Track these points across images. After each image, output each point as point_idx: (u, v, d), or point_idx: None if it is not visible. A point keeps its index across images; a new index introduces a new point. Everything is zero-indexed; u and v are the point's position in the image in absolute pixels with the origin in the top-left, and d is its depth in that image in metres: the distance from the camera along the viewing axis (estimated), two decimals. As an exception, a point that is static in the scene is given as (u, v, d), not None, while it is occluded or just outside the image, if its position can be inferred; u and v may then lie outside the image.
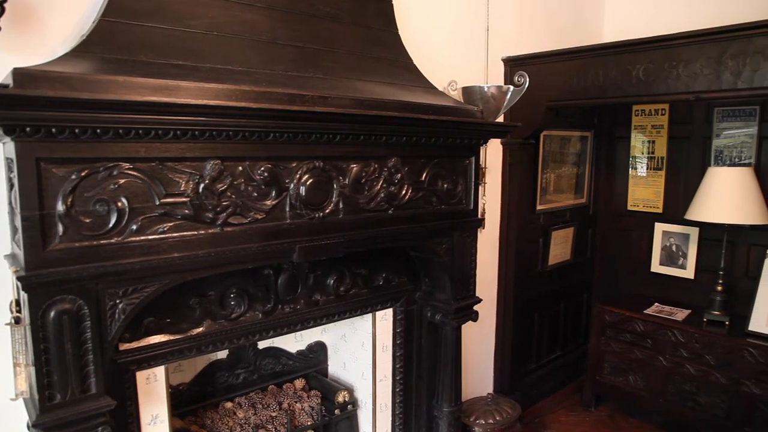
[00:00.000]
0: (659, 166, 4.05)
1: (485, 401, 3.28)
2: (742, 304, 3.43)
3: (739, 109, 3.66)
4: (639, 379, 3.66)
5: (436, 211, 2.31)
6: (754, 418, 3.16)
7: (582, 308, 4.41)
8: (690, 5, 3.67)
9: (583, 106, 3.87)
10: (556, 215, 3.94)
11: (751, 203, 3.28)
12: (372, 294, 2.45)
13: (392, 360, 2.66)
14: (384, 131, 2.00)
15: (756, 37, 2.48)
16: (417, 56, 2.51)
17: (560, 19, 3.78)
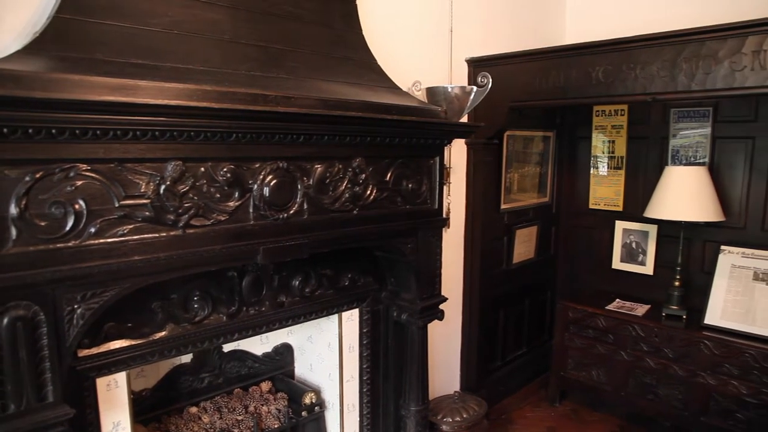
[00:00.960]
0: (619, 166, 4.14)
1: (452, 399, 3.31)
2: (698, 298, 3.54)
3: (694, 110, 3.77)
4: (602, 374, 3.74)
5: (401, 211, 2.32)
6: (710, 408, 3.27)
7: (546, 305, 4.48)
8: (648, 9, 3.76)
9: (546, 107, 3.93)
10: (520, 214, 4.00)
11: (706, 201, 3.38)
12: (338, 294, 2.44)
13: (359, 360, 2.66)
14: (348, 131, 2.00)
15: (708, 41, 2.56)
16: (381, 57, 2.52)
17: (523, 20, 3.83)
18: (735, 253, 3.48)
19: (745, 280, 3.37)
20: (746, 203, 3.61)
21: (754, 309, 3.28)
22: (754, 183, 3.58)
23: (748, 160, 3.59)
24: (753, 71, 2.46)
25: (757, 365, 3.08)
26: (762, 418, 3.09)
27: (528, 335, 4.32)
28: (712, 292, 3.44)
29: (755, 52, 2.44)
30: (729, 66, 2.52)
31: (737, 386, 3.15)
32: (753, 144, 3.56)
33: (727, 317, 3.34)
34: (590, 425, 3.75)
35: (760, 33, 2.42)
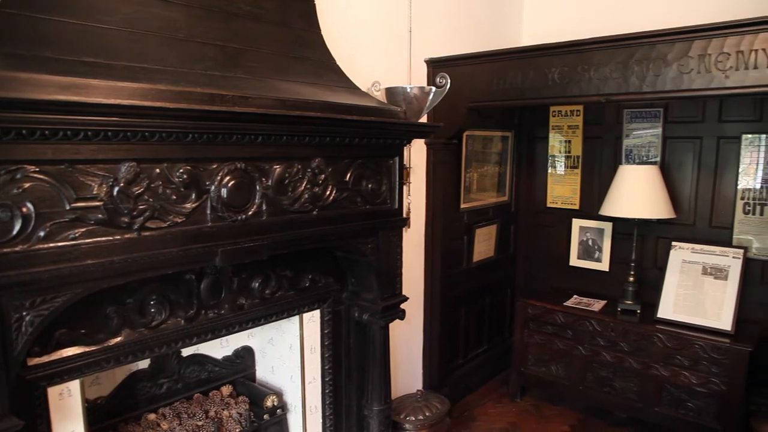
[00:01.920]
0: (575, 165, 4.24)
1: (415, 398, 3.33)
2: (651, 292, 3.66)
3: (646, 111, 3.89)
4: (560, 369, 3.82)
5: (361, 211, 2.32)
6: (663, 398, 3.39)
7: (506, 303, 4.55)
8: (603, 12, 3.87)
9: (504, 107, 3.99)
10: (480, 213, 4.05)
11: (658, 199, 3.50)
12: (298, 296, 2.43)
13: (321, 361, 2.65)
14: (307, 132, 1.99)
15: (658, 44, 2.65)
16: (340, 57, 2.51)
17: (481, 22, 3.88)
18: (685, 248, 3.60)
19: (695, 274, 3.50)
20: (695, 201, 3.75)
21: (703, 302, 3.40)
22: (702, 181, 3.72)
23: (696, 159, 3.72)
24: (699, 74, 2.55)
25: (706, 356, 3.21)
26: (710, 407, 3.22)
27: (489, 333, 4.37)
28: (665, 286, 3.56)
29: (701, 56, 2.54)
30: (677, 69, 2.61)
31: (688, 376, 3.27)
32: (701, 144, 3.70)
33: (678, 311, 3.46)
34: (550, 419, 3.83)
35: (704, 38, 2.52)
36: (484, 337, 4.32)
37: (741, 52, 2.44)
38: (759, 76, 2.40)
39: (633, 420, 3.66)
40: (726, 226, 3.63)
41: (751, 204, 3.54)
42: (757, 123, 3.48)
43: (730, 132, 3.59)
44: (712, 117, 3.65)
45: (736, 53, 2.45)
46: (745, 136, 3.53)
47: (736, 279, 3.37)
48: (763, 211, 3.50)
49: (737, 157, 3.57)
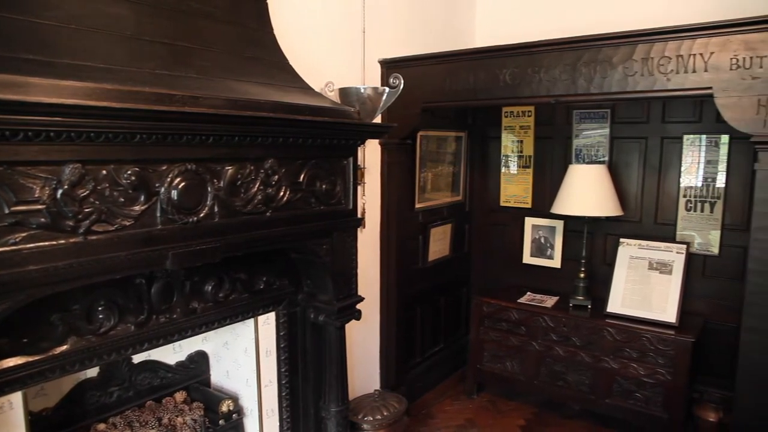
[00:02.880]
0: (527, 165, 4.33)
1: (372, 398, 3.33)
2: (601, 288, 3.77)
3: (594, 112, 4.00)
4: (515, 365, 3.89)
5: (316, 211, 2.31)
6: (613, 390, 3.50)
7: (461, 301, 4.60)
8: (554, 15, 3.96)
9: (457, 108, 4.04)
10: (435, 213, 4.09)
11: (606, 197, 3.61)
12: (253, 298, 2.39)
13: (277, 364, 2.62)
14: (259, 132, 1.96)
15: (604, 47, 2.74)
16: (293, 57, 2.49)
17: (435, 22, 3.92)
18: (632, 245, 3.73)
19: (642, 269, 3.62)
20: (641, 199, 3.88)
21: (650, 296, 3.53)
22: (647, 180, 3.85)
23: (642, 158, 3.86)
24: (643, 76, 2.65)
25: (652, 347, 3.32)
26: (657, 396, 3.34)
27: (445, 331, 4.42)
28: (613, 281, 3.67)
29: (644, 59, 2.63)
30: (622, 71, 2.70)
31: (636, 368, 3.39)
32: (646, 144, 3.84)
33: (626, 305, 3.57)
34: (506, 414, 3.89)
35: (647, 42, 2.62)
36: (440, 335, 4.37)
37: (681, 56, 2.54)
38: (697, 79, 2.51)
39: (585, 412, 3.77)
40: (670, 223, 3.78)
41: (693, 201, 3.69)
42: (697, 124, 3.63)
43: (673, 132, 3.73)
44: (656, 118, 3.78)
45: (676, 57, 2.55)
46: (686, 137, 3.68)
47: (680, 273, 3.51)
48: (704, 208, 3.65)
49: (679, 156, 3.71)
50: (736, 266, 3.50)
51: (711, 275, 3.66)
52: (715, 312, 3.62)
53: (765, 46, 2.35)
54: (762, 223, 2.42)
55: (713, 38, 2.46)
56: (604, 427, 3.68)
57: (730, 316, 3.33)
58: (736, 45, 2.41)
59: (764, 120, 2.35)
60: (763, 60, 2.35)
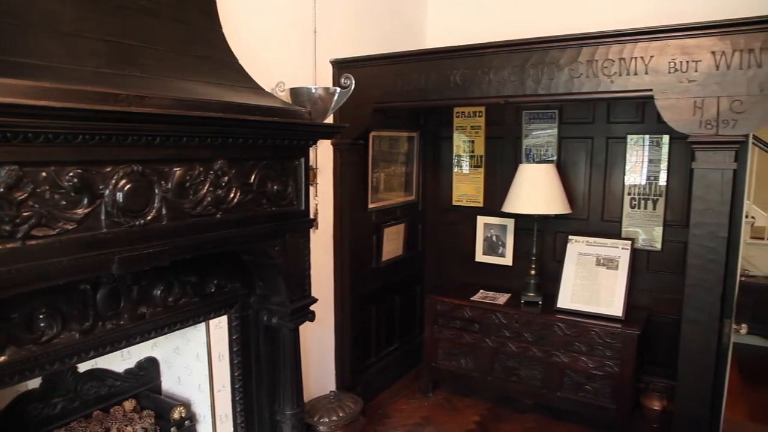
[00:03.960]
0: (479, 164, 4.39)
1: (328, 399, 3.32)
2: (551, 284, 3.86)
3: (543, 112, 4.10)
4: (470, 362, 3.94)
5: (267, 213, 2.28)
6: (564, 383, 3.59)
7: (415, 300, 4.63)
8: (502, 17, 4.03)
9: (408, 108, 4.07)
10: (388, 212, 4.10)
11: (555, 196, 3.70)
12: (204, 302, 2.35)
13: (230, 368, 2.58)
14: (208, 133, 1.93)
15: (551, 50, 2.80)
16: (243, 56, 2.46)
17: (386, 23, 3.93)
18: (581, 242, 3.83)
19: (590, 265, 3.73)
20: (588, 197, 4.00)
21: (598, 291, 3.63)
22: (594, 179, 3.97)
23: (589, 158, 3.97)
24: (588, 78, 2.73)
25: (600, 341, 3.43)
26: (606, 388, 3.45)
27: (400, 330, 4.44)
28: (563, 278, 3.77)
29: (589, 62, 2.71)
30: (569, 73, 2.77)
31: (586, 361, 3.49)
32: (592, 144, 3.95)
33: (575, 300, 3.67)
34: (461, 411, 3.94)
35: (592, 45, 2.69)
36: (395, 334, 4.38)
37: (623, 59, 2.63)
38: (639, 81, 2.60)
39: (538, 405, 3.86)
40: (616, 220, 3.91)
41: (637, 199, 3.83)
42: (640, 124, 3.77)
43: (617, 132, 3.86)
44: (602, 118, 3.91)
45: (619, 60, 2.64)
46: (630, 137, 3.81)
47: (625, 268, 3.63)
48: (647, 206, 3.79)
49: (624, 155, 3.84)
50: (677, 261, 3.64)
51: (654, 270, 3.81)
52: (658, 305, 3.77)
53: (699, 51, 2.45)
54: (699, 219, 2.53)
55: (653, 42, 2.55)
56: (556, 419, 3.77)
57: (673, 309, 3.46)
58: (673, 49, 2.51)
59: (700, 121, 2.46)
60: (698, 64, 2.46)
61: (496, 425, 3.75)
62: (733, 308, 2.62)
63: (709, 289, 2.55)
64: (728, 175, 2.46)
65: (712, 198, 2.49)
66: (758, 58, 2.34)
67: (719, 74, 2.42)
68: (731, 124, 2.41)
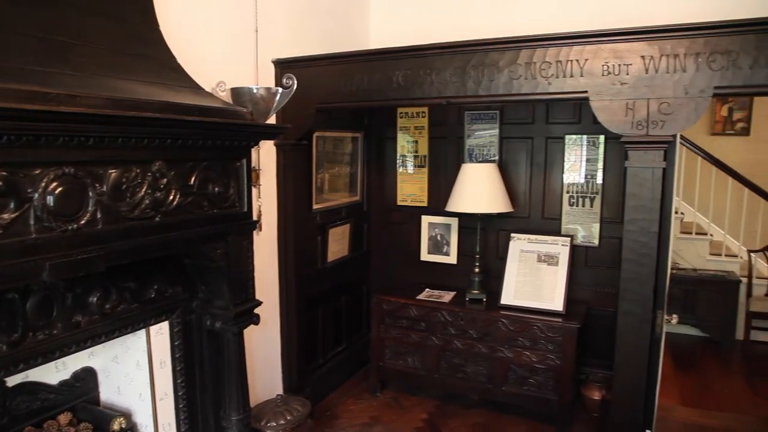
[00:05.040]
0: (423, 164, 4.44)
1: (275, 403, 3.28)
2: (495, 281, 3.94)
3: (484, 113, 4.18)
4: (416, 360, 3.97)
5: (209, 215, 2.24)
6: (509, 378, 3.67)
7: (362, 300, 4.63)
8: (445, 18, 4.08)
9: (352, 109, 4.07)
10: (333, 213, 4.09)
11: (497, 195, 3.77)
12: (143, 308, 2.28)
13: (172, 375, 2.52)
14: (145, 133, 1.87)
15: (491, 52, 2.86)
16: (182, 55, 2.40)
17: (329, 24, 3.92)
18: (522, 239, 3.93)
19: (531, 262, 3.83)
20: (529, 195, 4.11)
21: (540, 287, 3.74)
22: (534, 178, 4.08)
23: (529, 157, 4.08)
24: (526, 80, 2.80)
25: (543, 335, 3.52)
26: (548, 380, 3.55)
27: (347, 331, 4.43)
28: (506, 275, 3.85)
29: (527, 64, 2.78)
30: (508, 74, 2.83)
31: (529, 356, 3.57)
32: (532, 144, 4.06)
33: (518, 296, 3.76)
34: (409, 409, 3.96)
35: (530, 48, 2.77)
36: (342, 335, 4.37)
37: (560, 61, 2.71)
38: (575, 83, 2.69)
39: (484, 401, 3.92)
40: (555, 218, 4.03)
41: (575, 197, 3.96)
42: (578, 125, 3.90)
43: (556, 133, 3.98)
44: (541, 119, 4.02)
45: (555, 63, 2.72)
46: (568, 137, 3.94)
47: (565, 264, 3.74)
48: (585, 203, 3.93)
49: (562, 155, 3.97)
50: (613, 256, 3.79)
51: (592, 265, 3.95)
52: (597, 299, 3.91)
53: (630, 54, 2.56)
54: (632, 216, 2.65)
55: (587, 46, 2.65)
56: (502, 413, 3.85)
57: (610, 302, 3.59)
58: (606, 53, 2.61)
59: (632, 122, 2.57)
60: (630, 67, 2.57)
61: (443, 421, 3.79)
62: (665, 300, 2.74)
63: (642, 282, 2.67)
64: (658, 173, 2.58)
65: (644, 195, 2.61)
66: (683, 63, 2.46)
67: (648, 77, 2.53)
68: (660, 125, 2.52)
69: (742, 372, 4.81)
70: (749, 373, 4.75)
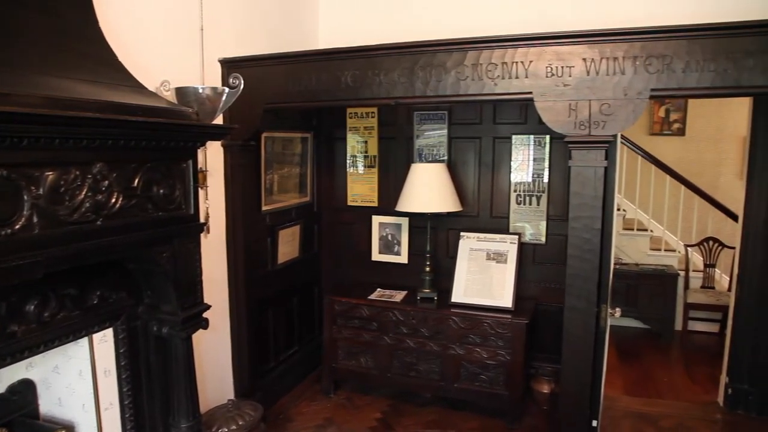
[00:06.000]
0: (372, 164, 4.45)
1: (226, 408, 3.22)
2: (446, 280, 3.99)
3: (433, 113, 4.22)
4: (369, 360, 3.98)
5: (154, 218, 2.17)
6: (461, 374, 3.72)
7: (314, 301, 4.61)
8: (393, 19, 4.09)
9: (300, 109, 4.04)
10: (283, 214, 4.04)
11: (447, 194, 3.82)
12: (85, 315, 2.19)
13: (118, 384, 2.43)
14: (84, 134, 1.80)
15: (438, 53, 2.89)
16: (124, 53, 2.32)
17: (277, 23, 3.88)
18: (472, 237, 3.99)
19: (481, 260, 3.89)
20: (478, 194, 4.18)
21: (489, 284, 3.80)
22: (482, 177, 4.15)
23: (477, 157, 4.15)
24: (473, 81, 2.84)
25: (493, 332, 3.59)
26: (499, 376, 3.62)
27: (299, 333, 4.40)
28: (456, 273, 3.91)
29: (474, 65, 2.83)
30: (455, 75, 2.87)
31: (480, 352, 3.64)
32: (480, 143, 4.13)
33: (469, 294, 3.82)
34: (362, 409, 3.97)
35: (476, 49, 2.81)
36: (294, 337, 4.34)
37: (505, 63, 2.77)
38: (520, 84, 2.75)
39: (437, 398, 3.97)
40: (504, 216, 4.11)
41: (522, 196, 4.05)
42: (524, 125, 3.99)
43: (503, 133, 4.06)
44: (488, 119, 4.09)
45: (501, 64, 2.78)
46: (515, 137, 4.02)
47: (514, 261, 3.82)
48: (532, 202, 4.02)
49: (509, 154, 4.05)
50: (560, 252, 3.88)
51: (540, 262, 4.05)
52: (544, 294, 4.01)
53: (572, 57, 2.64)
54: (576, 213, 2.73)
55: (531, 48, 2.71)
56: (455, 410, 3.90)
57: (557, 297, 3.69)
58: (550, 55, 2.68)
59: (574, 122, 2.65)
60: (572, 69, 2.64)
61: (397, 420, 3.81)
62: (608, 294, 2.84)
63: (586, 278, 2.75)
64: (600, 172, 2.67)
65: (587, 193, 2.69)
66: (622, 66, 2.56)
67: (590, 79, 2.62)
68: (601, 125, 2.61)
69: (680, 361, 5.03)
70: (687, 362, 4.97)
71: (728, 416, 3.90)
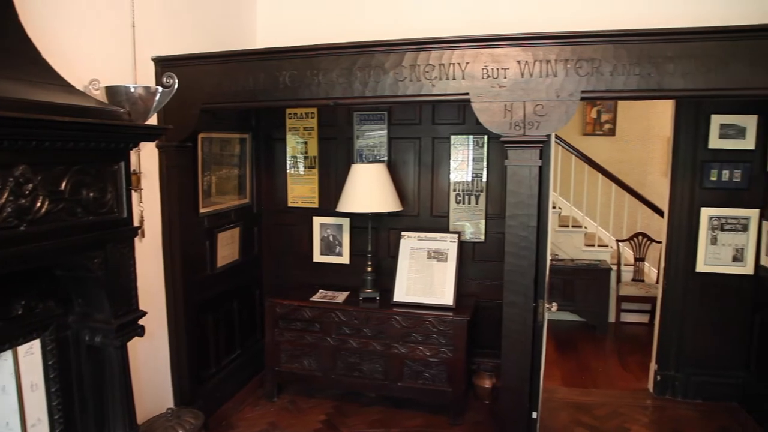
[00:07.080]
0: (313, 165, 4.42)
1: (166, 417, 3.13)
2: (387, 279, 4.01)
3: (373, 114, 4.24)
4: (312, 362, 3.96)
5: (83, 223, 2.08)
6: (404, 373, 3.76)
7: (255, 304, 4.53)
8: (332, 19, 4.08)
9: (238, 109, 3.98)
10: (221, 216, 3.96)
11: (387, 194, 3.84)
12: (9, 327, 2.07)
13: (47, 398, 2.31)
14: (4, 135, 1.70)
15: (376, 54, 2.90)
16: (49, 50, 2.21)
17: (214, 21, 3.79)
18: (412, 237, 4.03)
19: (422, 259, 3.94)
20: (418, 194, 4.22)
21: (431, 282, 3.85)
22: (422, 177, 4.21)
23: (417, 157, 4.19)
24: (411, 82, 2.87)
25: (435, 330, 3.64)
26: (442, 373, 3.68)
27: (241, 337, 4.32)
28: (398, 272, 3.94)
29: (412, 66, 2.85)
30: (393, 76, 2.89)
31: (422, 350, 3.68)
32: (419, 144, 4.18)
33: (410, 293, 3.85)
34: (307, 412, 3.94)
35: (414, 50, 2.84)
36: (236, 341, 4.25)
37: (443, 64, 2.81)
38: (457, 86, 2.80)
39: (382, 397, 3.99)
40: (444, 215, 4.18)
41: (461, 195, 4.12)
42: (462, 125, 4.07)
43: (442, 133, 4.12)
44: (427, 120, 4.15)
45: (439, 65, 2.81)
46: (453, 137, 4.09)
47: (454, 260, 3.89)
48: (471, 200, 4.10)
49: (449, 154, 4.11)
50: (498, 250, 3.96)
51: (480, 259, 4.14)
52: (484, 291, 4.10)
53: (507, 59, 2.71)
54: (513, 211, 2.80)
55: (468, 50, 2.76)
56: (399, 408, 3.93)
57: (496, 294, 3.76)
58: (485, 57, 2.74)
59: (510, 123, 2.72)
60: (507, 71, 2.71)
61: (342, 420, 3.81)
62: (545, 289, 2.93)
63: (523, 274, 2.83)
64: (535, 171, 2.75)
65: (523, 192, 2.77)
66: (554, 68, 2.64)
67: (524, 81, 2.69)
68: (535, 125, 2.69)
69: (614, 351, 5.25)
70: (620, 352, 5.20)
71: (657, 401, 4.11)
